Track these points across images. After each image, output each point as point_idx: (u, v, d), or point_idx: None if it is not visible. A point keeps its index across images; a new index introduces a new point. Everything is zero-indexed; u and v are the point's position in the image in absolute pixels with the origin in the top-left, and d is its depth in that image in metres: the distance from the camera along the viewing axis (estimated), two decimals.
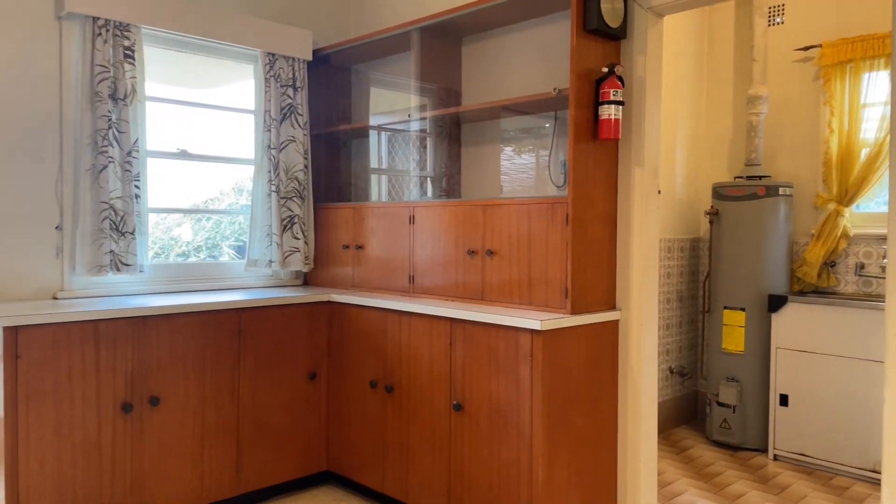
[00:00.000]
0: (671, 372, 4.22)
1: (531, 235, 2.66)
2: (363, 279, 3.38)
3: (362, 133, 3.76)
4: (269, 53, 3.44)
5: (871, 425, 3.32)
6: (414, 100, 3.37)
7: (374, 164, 3.85)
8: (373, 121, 3.77)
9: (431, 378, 2.79)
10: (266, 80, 3.44)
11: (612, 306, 2.71)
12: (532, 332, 2.42)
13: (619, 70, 2.55)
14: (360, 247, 3.40)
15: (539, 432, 2.41)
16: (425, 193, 3.43)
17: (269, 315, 3.09)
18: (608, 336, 2.68)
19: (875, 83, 3.64)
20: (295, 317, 3.18)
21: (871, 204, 3.78)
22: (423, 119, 3.38)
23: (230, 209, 3.70)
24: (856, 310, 3.39)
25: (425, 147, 3.42)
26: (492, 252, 2.78)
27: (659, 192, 2.75)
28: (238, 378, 2.99)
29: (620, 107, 2.55)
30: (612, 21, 2.54)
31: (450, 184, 3.41)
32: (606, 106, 2.53)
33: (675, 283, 4.23)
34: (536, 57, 3.06)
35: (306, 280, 3.73)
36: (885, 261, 3.65)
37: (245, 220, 3.67)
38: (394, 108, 3.71)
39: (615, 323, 2.70)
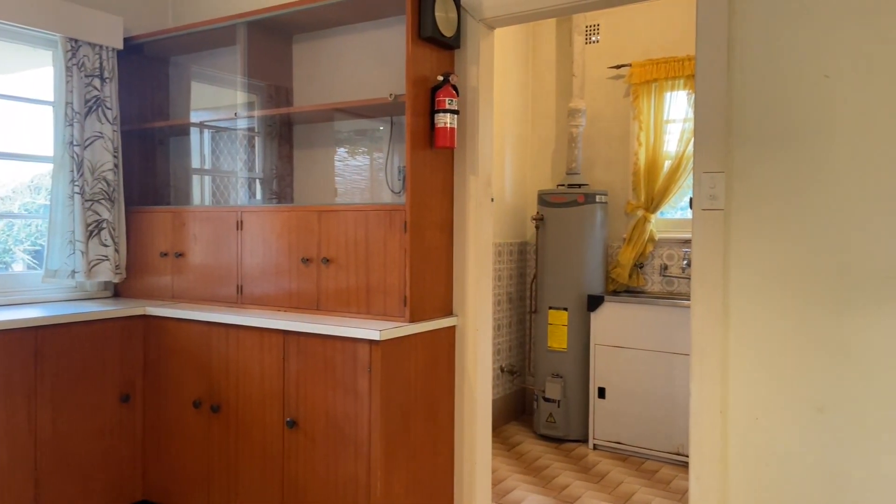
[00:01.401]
0: (502, 371, 4.38)
1: (369, 242, 2.60)
2: (184, 290, 3.12)
3: (182, 130, 3.48)
4: (71, 39, 3.05)
5: (674, 412, 3.67)
6: (241, 97, 3.17)
7: (196, 164, 3.57)
8: (194, 117, 3.50)
9: (263, 395, 2.64)
10: (67, 68, 3.05)
11: (449, 312, 2.73)
12: (371, 342, 2.36)
13: (453, 79, 2.58)
14: (180, 254, 3.13)
15: (377, 445, 2.36)
16: (254, 196, 3.24)
17: (72, 333, 2.74)
18: (445, 342, 2.69)
19: (675, 101, 4.04)
20: (104, 334, 2.85)
21: (672, 211, 4.19)
22: (251, 117, 3.19)
23: (24, 211, 3.24)
24: (660, 307, 3.73)
25: (254, 147, 3.24)
26: (328, 260, 2.69)
27: (492, 199, 2.82)
28: (35, 406, 2.62)
29: (456, 115, 2.57)
30: (447, 30, 2.56)
31: (281, 186, 3.26)
32: (442, 114, 2.54)
33: (505, 286, 4.40)
34: (372, 60, 3.01)
35: (117, 292, 3.37)
36: (685, 262, 4.06)
37: (43, 223, 3.23)
38: (218, 105, 3.47)
39: (452, 329, 2.72)
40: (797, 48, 2.09)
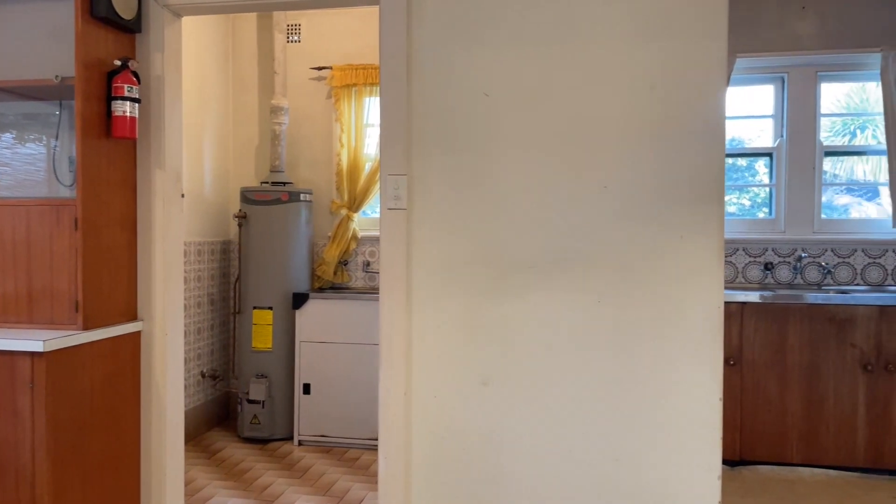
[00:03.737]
0: (203, 376, 4.18)
1: (30, 242, 2.29)
2: None
3: None
4: None
5: (373, 400, 3.87)
6: None
7: None
8: None
9: None
10: None
11: (133, 317, 2.53)
12: (32, 354, 2.08)
13: (133, 65, 2.40)
14: None
15: (44, 472, 2.09)
16: None
17: None
18: (129, 349, 2.49)
19: (374, 106, 4.25)
20: None
21: (373, 210, 4.42)
22: None
23: None
24: (363, 302, 3.91)
25: None
26: None
27: (182, 195, 2.68)
28: None
29: (137, 104, 2.39)
30: (124, 12, 2.37)
31: None
32: (120, 102, 2.35)
33: (206, 287, 4.21)
34: (38, 36, 2.64)
35: None
36: None
37: None
38: None
39: (137, 335, 2.53)
40: (464, 68, 2.36)
